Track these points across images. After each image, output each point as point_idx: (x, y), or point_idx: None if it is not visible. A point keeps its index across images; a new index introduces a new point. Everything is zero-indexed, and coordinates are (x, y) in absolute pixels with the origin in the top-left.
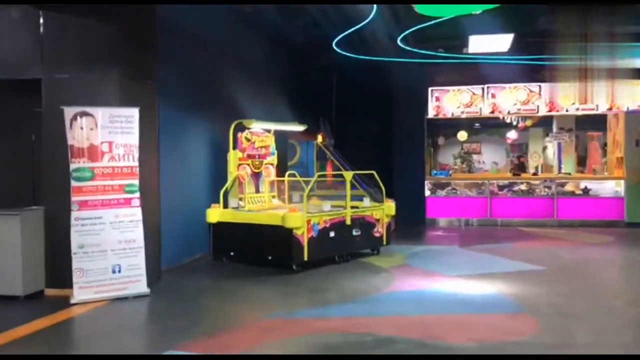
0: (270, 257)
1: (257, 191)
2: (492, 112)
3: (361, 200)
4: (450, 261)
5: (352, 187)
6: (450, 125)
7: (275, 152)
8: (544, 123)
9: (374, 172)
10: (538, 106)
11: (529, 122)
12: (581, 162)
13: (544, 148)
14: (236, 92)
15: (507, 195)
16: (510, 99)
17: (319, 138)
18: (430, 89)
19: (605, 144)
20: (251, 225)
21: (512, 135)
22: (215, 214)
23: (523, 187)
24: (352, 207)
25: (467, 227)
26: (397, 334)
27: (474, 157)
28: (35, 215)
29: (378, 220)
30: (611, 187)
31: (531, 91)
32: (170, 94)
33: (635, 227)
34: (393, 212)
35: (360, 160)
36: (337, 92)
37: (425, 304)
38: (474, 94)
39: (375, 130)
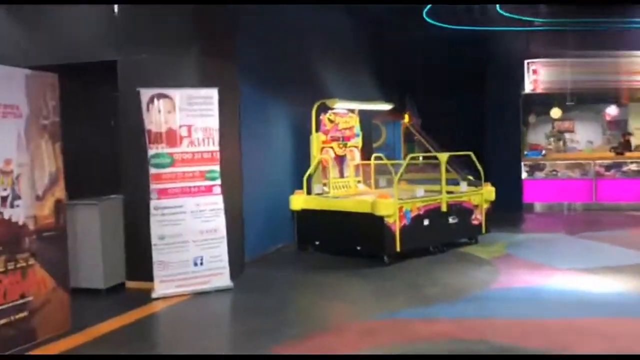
0: (358, 247)
1: (342, 176)
2: None
3: (454, 184)
4: (559, 251)
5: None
6: (541, 102)
7: (360, 133)
8: None
9: (471, 154)
10: None
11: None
12: None
13: None
14: (318, 70)
15: (615, 177)
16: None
17: (406, 118)
18: (526, 61)
19: None
20: (337, 213)
21: (611, 111)
22: (299, 201)
23: (634, 167)
24: (448, 192)
25: (570, 212)
26: (516, 343)
27: (567, 135)
28: (114, 204)
29: (476, 206)
30: None
31: None
32: (250, 74)
33: None
34: (493, 198)
35: (448, 141)
36: (422, 68)
37: (543, 305)
38: None
39: (465, 108)
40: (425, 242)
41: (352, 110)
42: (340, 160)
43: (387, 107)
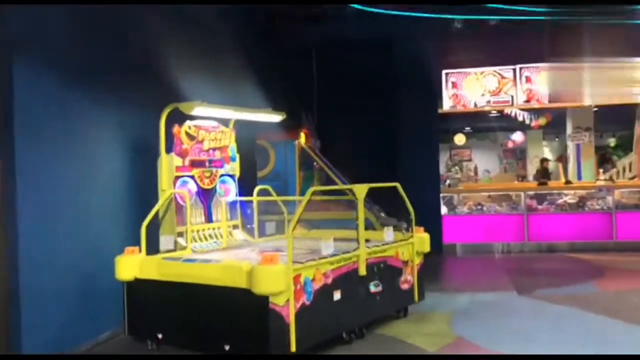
0: (227, 347)
1: (209, 220)
2: (528, 100)
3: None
4: (533, 332)
5: (353, 207)
6: (440, 130)
7: (237, 157)
8: (556, 123)
9: (397, 185)
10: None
11: (542, 121)
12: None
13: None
14: (176, 64)
15: (550, 211)
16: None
17: (302, 137)
18: (444, 71)
19: None
20: (192, 287)
21: (517, 137)
22: (130, 266)
23: (569, 199)
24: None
25: (502, 256)
26: None
27: (464, 164)
28: None
29: (406, 263)
30: None
31: None
32: (45, 50)
33: None
34: (427, 248)
35: (352, 169)
36: (319, 78)
37: None
38: (502, 77)
39: (373, 129)
40: (336, 327)
41: (226, 124)
42: (205, 196)
43: (276, 117)
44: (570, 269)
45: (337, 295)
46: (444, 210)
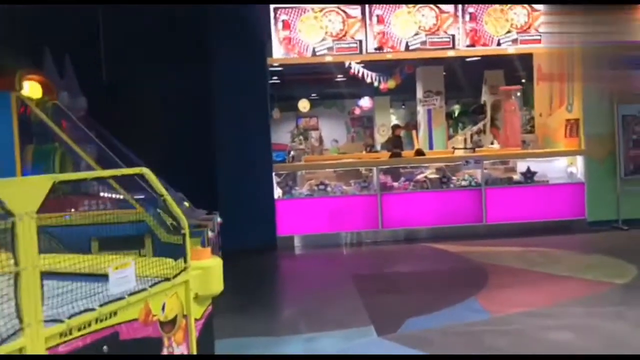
0: None
1: None
2: (380, 47)
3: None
4: None
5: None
6: (285, 97)
7: None
8: (405, 87)
9: (145, 172)
10: (453, 36)
11: (391, 83)
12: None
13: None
14: None
15: (408, 189)
16: (409, 26)
17: (31, 87)
18: (272, 6)
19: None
20: None
21: (365, 103)
22: None
23: (431, 174)
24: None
25: (351, 250)
26: None
27: (310, 133)
28: None
29: (172, 324)
30: (561, 168)
31: (443, 12)
32: None
33: (600, 229)
34: (218, 287)
35: (152, 146)
36: (106, 24)
37: None
38: (348, 16)
39: (183, 88)
40: None
41: None
42: None
43: None
44: (441, 271)
45: None
46: (277, 193)
